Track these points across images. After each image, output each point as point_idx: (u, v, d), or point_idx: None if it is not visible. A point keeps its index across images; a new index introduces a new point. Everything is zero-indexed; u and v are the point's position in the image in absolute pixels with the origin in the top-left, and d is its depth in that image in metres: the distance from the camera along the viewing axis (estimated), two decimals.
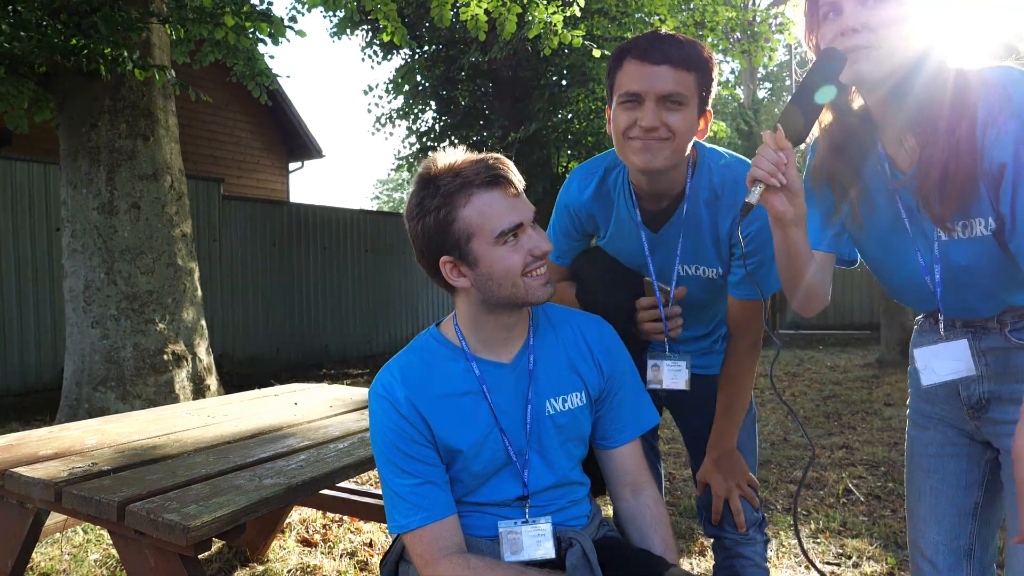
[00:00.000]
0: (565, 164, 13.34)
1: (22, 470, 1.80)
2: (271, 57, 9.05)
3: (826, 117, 1.50)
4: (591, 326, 1.65)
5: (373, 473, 4.36)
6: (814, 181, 1.54)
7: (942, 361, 1.46)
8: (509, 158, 1.47)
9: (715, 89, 1.75)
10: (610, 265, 1.98)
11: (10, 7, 4.33)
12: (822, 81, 1.31)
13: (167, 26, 5.26)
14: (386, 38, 6.63)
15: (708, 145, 1.85)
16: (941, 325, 1.48)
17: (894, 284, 1.55)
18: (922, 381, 1.49)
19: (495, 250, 1.40)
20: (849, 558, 3.07)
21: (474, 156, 1.44)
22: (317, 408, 2.72)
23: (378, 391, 1.49)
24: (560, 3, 6.11)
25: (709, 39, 12.25)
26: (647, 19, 12.51)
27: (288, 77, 11.56)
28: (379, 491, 3.30)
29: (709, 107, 1.74)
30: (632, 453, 1.63)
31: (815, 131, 1.51)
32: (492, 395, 1.50)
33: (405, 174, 16.96)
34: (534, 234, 1.44)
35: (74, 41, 4.53)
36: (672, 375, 1.89)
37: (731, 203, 1.78)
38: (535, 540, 1.50)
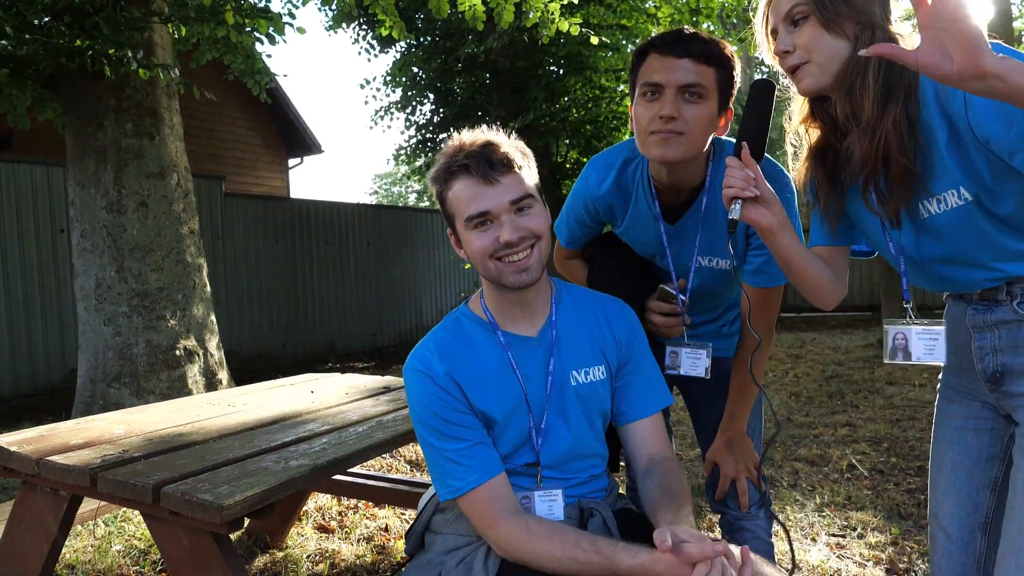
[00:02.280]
0: (564, 153, 13.38)
1: (57, 458, 1.87)
2: (268, 56, 9.04)
3: (813, 133, 1.59)
4: (612, 306, 1.72)
5: (385, 462, 4.43)
6: (805, 179, 1.63)
7: (916, 341, 1.55)
8: None
9: (736, 88, 1.79)
10: (624, 259, 2.03)
11: (14, 9, 4.37)
12: (762, 107, 1.50)
13: (169, 25, 5.30)
14: (384, 32, 6.65)
15: (727, 139, 1.89)
16: (910, 307, 1.56)
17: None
18: (885, 358, 1.58)
19: (467, 233, 1.51)
20: (854, 529, 3.15)
21: (477, 139, 1.52)
22: (333, 396, 2.79)
23: (415, 366, 1.55)
24: None
25: (705, 25, 12.28)
26: (642, 5, 12.52)
27: (285, 76, 11.56)
28: (393, 476, 3.38)
29: (731, 106, 1.78)
30: (650, 427, 1.68)
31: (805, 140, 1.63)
32: (520, 367, 1.58)
33: (404, 168, 16.98)
34: (508, 221, 1.47)
35: (78, 42, 4.57)
36: (691, 362, 1.94)
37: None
38: (546, 505, 1.57)
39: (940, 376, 1.68)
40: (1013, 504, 1.39)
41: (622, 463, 1.86)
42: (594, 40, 6.50)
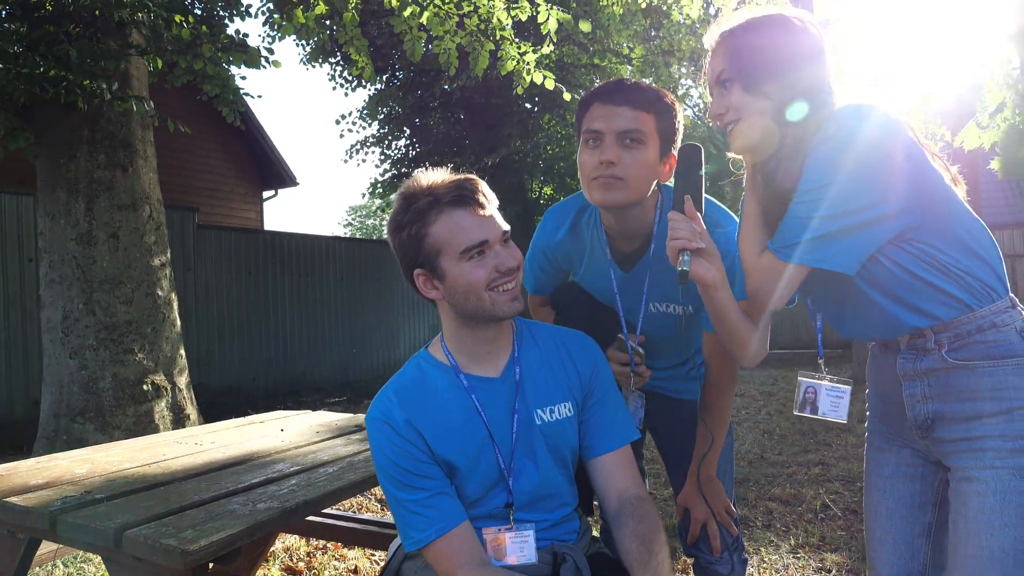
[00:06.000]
0: (539, 189, 13.49)
1: (15, 499, 1.81)
2: (243, 78, 9.19)
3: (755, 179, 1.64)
4: (573, 340, 1.72)
5: (356, 500, 4.36)
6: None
7: (824, 397, 1.65)
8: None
9: (679, 135, 1.84)
10: (587, 307, 2.06)
11: None
12: (692, 166, 1.54)
13: (146, 58, 5.29)
14: (355, 72, 6.74)
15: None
16: (822, 363, 1.68)
17: None
18: (795, 409, 1.66)
19: (460, 265, 1.48)
20: (829, 572, 3.14)
21: (450, 176, 1.53)
22: (303, 434, 2.74)
23: (376, 416, 1.53)
24: (532, 43, 6.23)
25: (675, 66, 12.51)
26: (615, 47, 12.74)
27: (259, 97, 11.53)
28: (363, 516, 3.32)
29: (674, 152, 1.82)
30: (618, 461, 1.65)
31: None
32: (485, 410, 1.56)
33: (378, 201, 16.99)
34: (502, 251, 1.50)
35: (52, 72, 4.54)
36: (631, 409, 1.96)
37: None
38: (517, 545, 1.54)
39: (867, 425, 1.71)
40: (956, 548, 1.41)
41: (597, 506, 1.84)
42: (567, 97, 6.58)
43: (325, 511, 3.16)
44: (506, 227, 1.53)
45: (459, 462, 1.53)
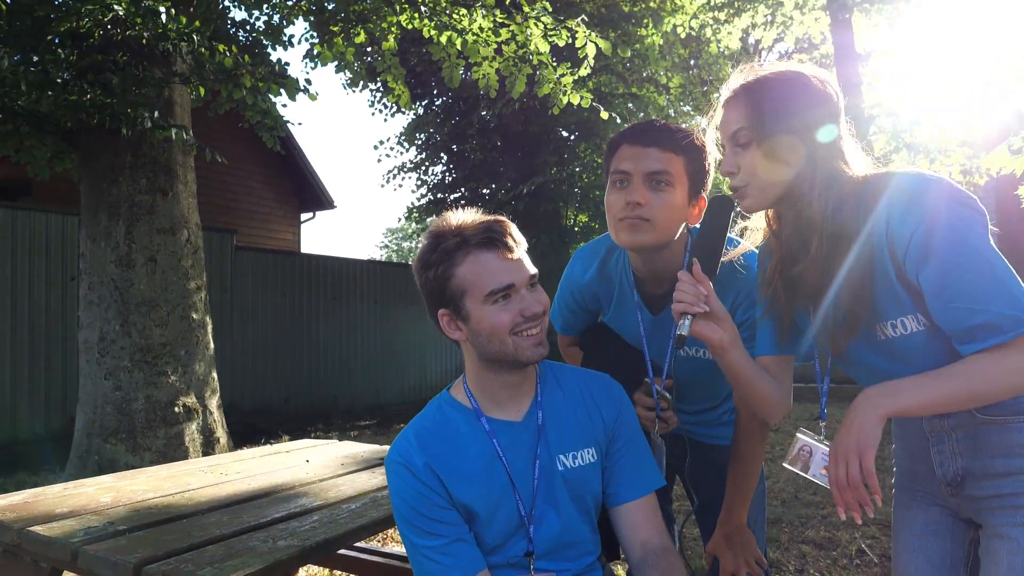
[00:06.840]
0: (574, 217, 13.48)
1: (38, 529, 1.82)
2: (284, 106, 9.36)
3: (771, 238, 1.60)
4: (599, 383, 1.68)
5: (382, 532, 4.33)
6: (766, 292, 1.61)
7: (818, 459, 1.57)
8: (518, 211, 1.52)
9: (710, 177, 1.81)
10: (614, 349, 2.03)
11: (39, 66, 4.47)
12: (718, 223, 1.52)
13: (188, 86, 5.41)
14: (392, 100, 6.85)
15: None
16: (823, 426, 1.61)
17: None
18: (786, 461, 1.59)
19: (484, 308, 1.45)
20: None
21: (480, 217, 1.50)
22: (329, 466, 2.74)
23: (395, 459, 1.51)
24: (569, 65, 6.25)
25: (714, 95, 12.48)
26: (653, 75, 12.74)
27: (300, 124, 11.64)
28: (386, 549, 3.29)
29: (704, 195, 1.80)
30: (642, 509, 1.62)
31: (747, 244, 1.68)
32: (506, 455, 1.53)
33: (415, 224, 17.13)
34: (528, 295, 1.47)
35: (97, 100, 4.66)
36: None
37: (727, 285, 1.81)
38: None
39: (893, 481, 1.67)
40: None
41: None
42: (604, 115, 6.59)
43: None
44: (533, 271, 1.51)
45: (478, 508, 1.50)
